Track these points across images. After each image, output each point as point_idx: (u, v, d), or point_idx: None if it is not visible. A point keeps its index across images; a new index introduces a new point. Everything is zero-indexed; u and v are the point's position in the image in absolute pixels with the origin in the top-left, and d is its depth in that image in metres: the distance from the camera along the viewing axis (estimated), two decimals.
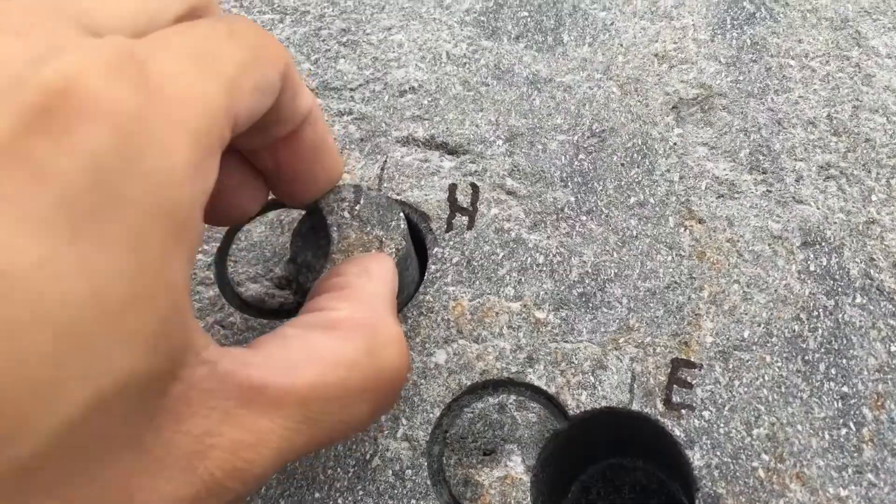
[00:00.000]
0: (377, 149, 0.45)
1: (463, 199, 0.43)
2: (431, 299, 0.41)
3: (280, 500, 0.36)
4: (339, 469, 0.37)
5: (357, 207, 0.31)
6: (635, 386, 0.37)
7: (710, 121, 0.45)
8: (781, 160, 0.43)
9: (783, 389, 0.37)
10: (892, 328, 0.39)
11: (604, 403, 0.37)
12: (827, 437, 0.36)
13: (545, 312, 0.40)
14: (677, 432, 0.36)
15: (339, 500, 0.36)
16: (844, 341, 0.38)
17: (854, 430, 0.36)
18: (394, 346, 0.25)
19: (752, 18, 0.48)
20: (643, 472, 0.41)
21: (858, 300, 0.39)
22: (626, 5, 0.49)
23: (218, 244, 0.44)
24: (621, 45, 0.48)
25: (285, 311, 0.42)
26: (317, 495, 0.37)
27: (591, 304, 0.40)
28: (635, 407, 0.37)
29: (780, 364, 0.37)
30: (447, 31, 0.49)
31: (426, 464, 0.37)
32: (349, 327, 0.24)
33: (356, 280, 0.27)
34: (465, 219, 0.43)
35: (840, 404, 0.37)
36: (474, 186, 0.43)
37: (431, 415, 0.38)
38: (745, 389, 0.37)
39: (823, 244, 0.41)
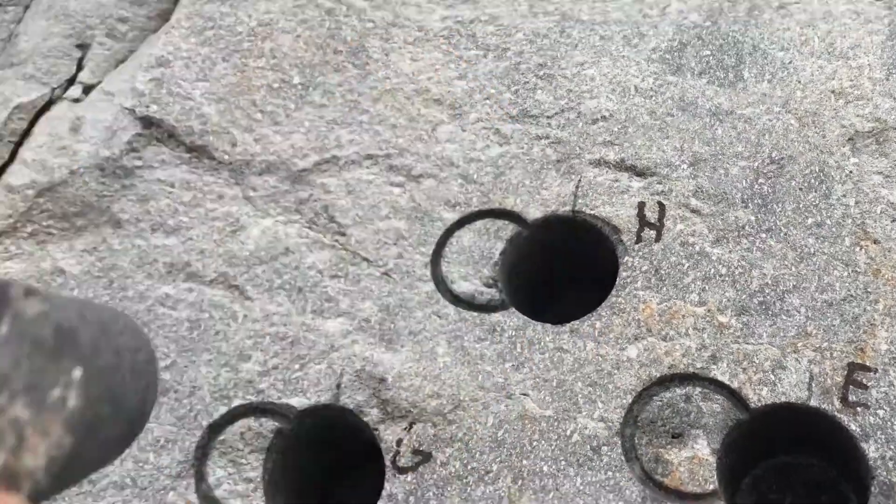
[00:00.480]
0: (571, 169, 0.51)
1: (651, 215, 0.48)
2: (623, 301, 0.46)
3: (493, 464, 0.42)
4: (543, 442, 0.43)
5: None
6: (813, 385, 0.41)
7: (886, 152, 0.48)
8: None
9: None
10: None
11: (783, 399, 0.41)
12: None
13: (727, 317, 0.44)
14: (853, 427, 0.40)
15: (545, 467, 0.42)
16: None
17: None
18: None
19: None
20: (818, 468, 0.45)
21: None
22: (804, 46, 0.54)
23: (433, 247, 0.50)
24: (799, 82, 0.52)
25: (492, 307, 0.49)
26: (524, 462, 0.42)
27: (770, 312, 0.44)
28: (813, 403, 0.41)
29: None
30: (635, 67, 0.55)
31: (620, 442, 0.42)
32: None
33: None
34: (652, 233, 0.48)
35: None
36: (661, 205, 0.49)
37: (624, 401, 0.43)
38: None
39: None
